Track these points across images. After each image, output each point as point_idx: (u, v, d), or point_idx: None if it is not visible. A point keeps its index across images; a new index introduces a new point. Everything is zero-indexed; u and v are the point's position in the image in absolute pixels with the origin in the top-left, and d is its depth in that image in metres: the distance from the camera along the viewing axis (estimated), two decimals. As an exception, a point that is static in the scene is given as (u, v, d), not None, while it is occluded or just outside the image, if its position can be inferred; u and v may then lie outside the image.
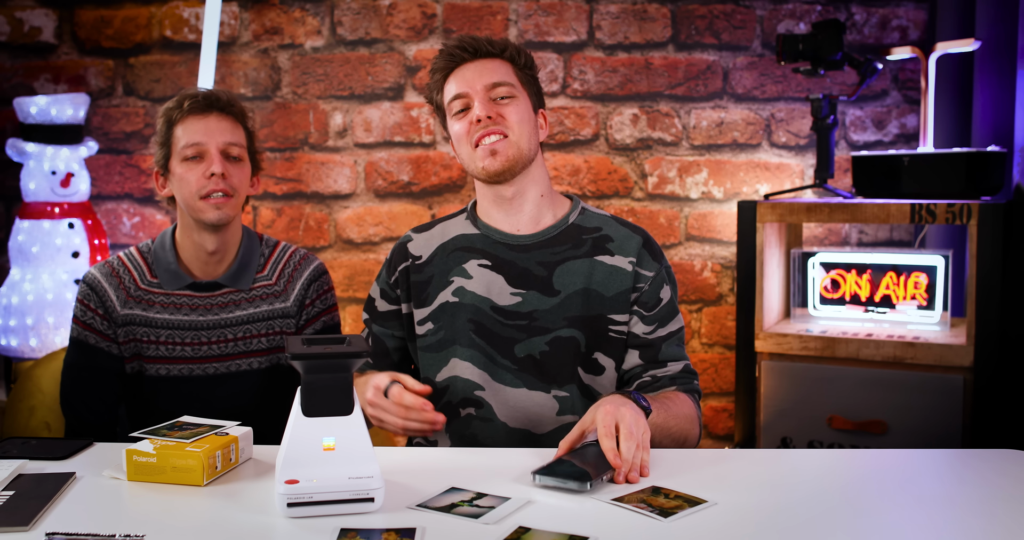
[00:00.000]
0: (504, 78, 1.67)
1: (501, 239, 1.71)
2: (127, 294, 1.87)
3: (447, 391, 1.67)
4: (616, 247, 1.70)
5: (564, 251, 1.69)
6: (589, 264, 1.68)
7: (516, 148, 1.65)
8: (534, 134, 1.69)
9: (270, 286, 1.92)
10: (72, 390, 1.89)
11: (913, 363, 2.28)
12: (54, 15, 3.07)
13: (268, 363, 1.91)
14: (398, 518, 1.20)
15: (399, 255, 1.76)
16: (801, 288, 2.58)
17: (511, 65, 1.69)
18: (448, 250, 1.73)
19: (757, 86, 2.95)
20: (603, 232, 1.71)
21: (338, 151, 3.04)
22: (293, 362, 1.23)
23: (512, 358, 1.65)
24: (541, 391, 1.64)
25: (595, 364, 1.66)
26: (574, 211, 1.74)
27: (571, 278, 1.67)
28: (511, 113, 1.65)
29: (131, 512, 1.26)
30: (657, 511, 1.22)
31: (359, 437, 1.25)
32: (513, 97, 1.67)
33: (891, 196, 2.41)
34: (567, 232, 1.71)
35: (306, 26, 3.02)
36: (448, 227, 1.76)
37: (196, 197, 1.82)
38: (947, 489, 1.37)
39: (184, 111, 1.83)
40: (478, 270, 1.69)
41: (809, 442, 2.40)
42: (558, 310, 1.66)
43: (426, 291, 1.71)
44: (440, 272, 1.71)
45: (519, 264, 1.68)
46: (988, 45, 2.50)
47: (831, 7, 2.90)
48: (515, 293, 1.67)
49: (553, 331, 1.65)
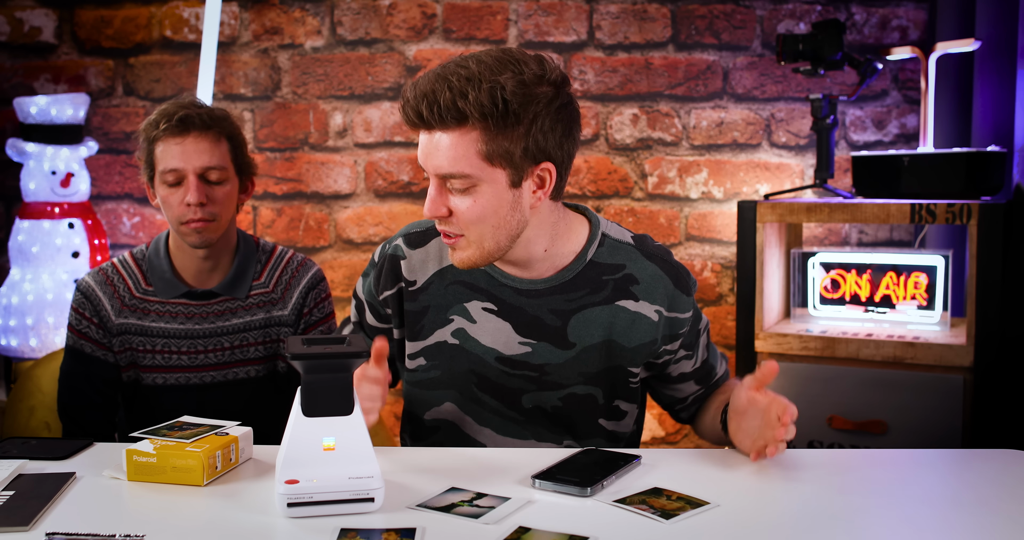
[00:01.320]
0: (457, 167, 1.34)
1: (507, 282, 1.49)
2: (122, 303, 1.86)
3: (440, 432, 1.56)
4: (642, 290, 1.49)
5: (581, 298, 1.48)
6: (610, 312, 1.48)
7: (475, 248, 1.40)
8: (507, 221, 1.38)
9: (267, 293, 1.90)
10: (69, 398, 1.88)
11: (913, 363, 2.28)
12: (54, 15, 3.07)
13: (265, 371, 1.90)
14: (398, 518, 1.20)
15: (390, 274, 1.55)
16: (801, 288, 2.58)
17: (478, 134, 1.33)
18: (446, 280, 1.52)
19: (757, 86, 2.95)
20: (626, 271, 1.49)
21: (338, 151, 3.04)
22: (293, 362, 1.23)
23: (519, 409, 1.52)
24: (552, 443, 1.53)
25: (617, 411, 1.55)
26: (592, 244, 1.49)
27: (589, 329, 1.48)
28: (466, 211, 1.36)
29: (131, 512, 1.26)
30: (659, 513, 1.22)
31: (359, 437, 1.24)
32: (472, 186, 1.35)
33: (891, 196, 2.41)
34: (584, 274, 1.48)
35: (306, 26, 3.02)
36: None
37: (178, 223, 1.79)
38: (947, 489, 1.37)
39: (161, 132, 1.77)
40: (482, 315, 1.49)
41: (809, 442, 2.40)
42: (573, 365, 1.49)
43: (420, 323, 1.53)
44: (438, 305, 1.52)
45: (529, 311, 1.48)
46: (988, 45, 2.50)
47: (831, 7, 2.90)
48: (524, 343, 1.48)
49: (567, 388, 1.50)
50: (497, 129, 1.33)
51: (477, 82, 1.31)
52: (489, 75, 1.32)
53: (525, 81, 1.34)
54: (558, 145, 1.38)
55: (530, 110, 1.34)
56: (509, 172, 1.36)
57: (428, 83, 1.34)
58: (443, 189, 1.38)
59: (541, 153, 1.37)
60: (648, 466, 1.40)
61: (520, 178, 1.38)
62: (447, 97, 1.32)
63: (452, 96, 1.31)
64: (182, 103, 1.81)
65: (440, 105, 1.32)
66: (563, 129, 1.38)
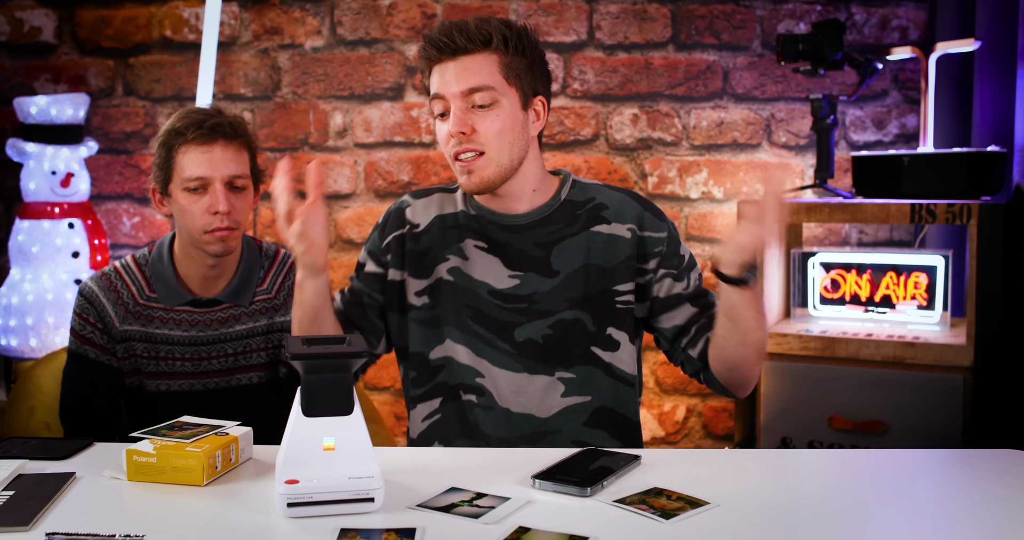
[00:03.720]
0: (483, 81, 1.54)
1: (495, 219, 1.65)
2: (126, 310, 1.85)
3: (443, 370, 1.64)
4: (612, 214, 1.65)
5: (560, 229, 1.64)
6: (587, 238, 1.63)
7: (494, 165, 1.57)
8: (519, 140, 1.59)
9: (270, 300, 1.89)
10: (72, 403, 1.87)
11: (913, 363, 2.28)
12: (54, 15, 3.07)
13: (268, 377, 1.90)
14: (398, 518, 1.20)
15: (395, 221, 1.70)
16: (801, 288, 2.58)
17: (498, 58, 1.55)
18: (447, 224, 1.67)
19: (757, 86, 2.95)
20: (596, 201, 1.66)
21: (338, 151, 3.04)
22: (293, 362, 1.23)
23: (512, 342, 1.62)
24: (544, 374, 1.62)
25: (610, 340, 1.64)
26: (564, 186, 1.67)
27: (569, 257, 1.63)
28: (488, 125, 1.55)
29: (131, 512, 1.26)
30: (658, 513, 1.22)
31: (359, 437, 1.25)
32: (494, 103, 1.55)
33: (891, 196, 2.41)
34: (561, 209, 1.65)
35: (306, 26, 3.02)
36: (446, 199, 1.70)
37: (201, 232, 1.76)
38: (947, 489, 1.37)
39: (188, 140, 1.74)
40: (475, 252, 1.65)
41: (809, 442, 2.40)
42: (559, 291, 1.62)
43: (423, 261, 1.66)
44: (439, 245, 1.66)
45: (514, 245, 1.64)
46: (988, 45, 2.50)
47: (831, 7, 2.90)
48: (513, 275, 1.63)
49: (555, 314, 1.62)
50: (513, 53, 1.56)
51: (489, 21, 1.56)
52: (494, 19, 1.58)
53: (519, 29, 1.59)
54: (546, 87, 1.63)
55: (532, 45, 1.59)
56: (520, 94, 1.58)
57: (449, 23, 1.57)
58: (467, 109, 1.55)
59: (539, 85, 1.61)
60: (648, 466, 1.40)
61: (527, 103, 1.59)
62: (472, 25, 1.55)
63: (477, 23, 1.55)
64: (205, 111, 1.79)
65: (469, 30, 1.54)
66: (546, 75, 1.64)
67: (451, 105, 1.55)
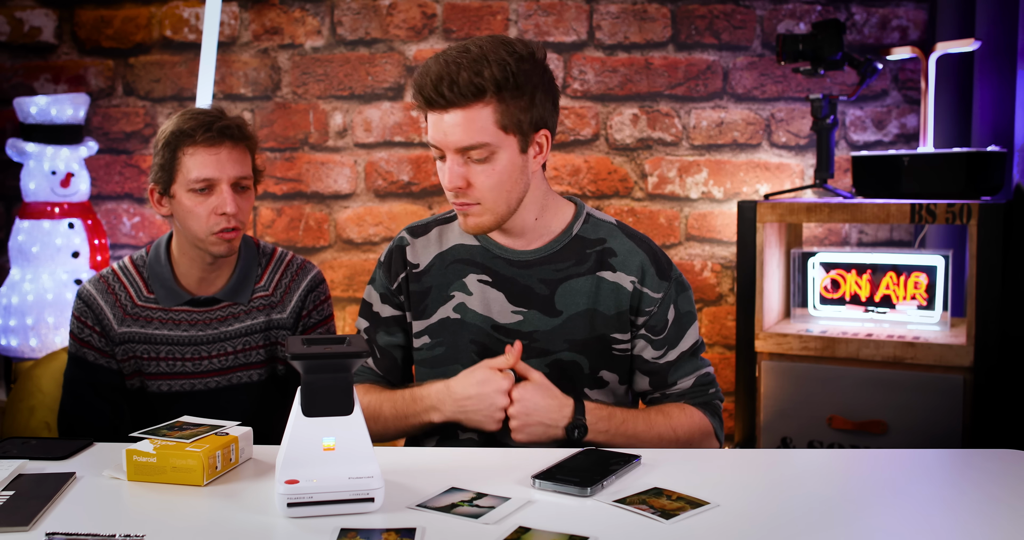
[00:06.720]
0: (476, 139, 1.46)
1: (501, 254, 1.62)
2: (124, 312, 1.85)
3: None
4: (619, 262, 1.61)
5: (567, 268, 1.60)
6: (593, 281, 1.60)
7: (490, 214, 1.53)
8: (517, 185, 1.53)
9: (267, 297, 1.90)
10: (73, 406, 1.87)
11: (913, 363, 2.28)
12: (54, 15, 3.07)
13: (268, 374, 1.90)
14: (398, 518, 1.20)
15: (398, 261, 1.67)
16: (801, 288, 2.58)
17: (493, 108, 1.46)
18: (447, 261, 1.64)
19: (757, 86, 2.95)
20: (607, 245, 1.62)
21: (338, 151, 3.04)
22: (293, 362, 1.23)
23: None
24: None
25: (600, 381, 1.63)
26: (577, 220, 1.63)
27: (574, 298, 1.60)
28: (485, 180, 1.49)
29: (131, 512, 1.26)
30: (659, 513, 1.22)
31: (359, 437, 1.25)
32: (491, 156, 1.48)
33: (891, 196, 2.41)
34: (570, 246, 1.61)
35: (306, 26, 3.02)
36: (445, 232, 1.66)
37: (207, 233, 1.77)
38: (947, 489, 1.37)
39: (196, 141, 1.74)
40: (478, 286, 1.61)
41: (809, 442, 2.40)
42: (559, 332, 1.59)
43: (424, 303, 1.64)
44: (439, 284, 1.63)
45: (520, 281, 1.60)
46: (988, 45, 2.50)
47: (831, 7, 2.90)
48: (516, 311, 1.60)
49: (553, 354, 1.59)
50: (510, 100, 1.47)
51: (485, 61, 1.45)
52: (492, 54, 1.46)
53: (523, 57, 1.48)
54: (551, 113, 1.55)
55: (532, 82, 1.48)
56: (519, 139, 1.50)
57: (440, 67, 1.46)
58: (462, 162, 1.49)
59: (541, 121, 1.52)
60: (648, 466, 1.40)
61: (527, 144, 1.52)
62: (464, 76, 1.44)
63: (468, 75, 1.44)
64: (210, 112, 1.79)
65: (459, 84, 1.44)
66: (552, 99, 1.54)
67: (447, 155, 1.50)
